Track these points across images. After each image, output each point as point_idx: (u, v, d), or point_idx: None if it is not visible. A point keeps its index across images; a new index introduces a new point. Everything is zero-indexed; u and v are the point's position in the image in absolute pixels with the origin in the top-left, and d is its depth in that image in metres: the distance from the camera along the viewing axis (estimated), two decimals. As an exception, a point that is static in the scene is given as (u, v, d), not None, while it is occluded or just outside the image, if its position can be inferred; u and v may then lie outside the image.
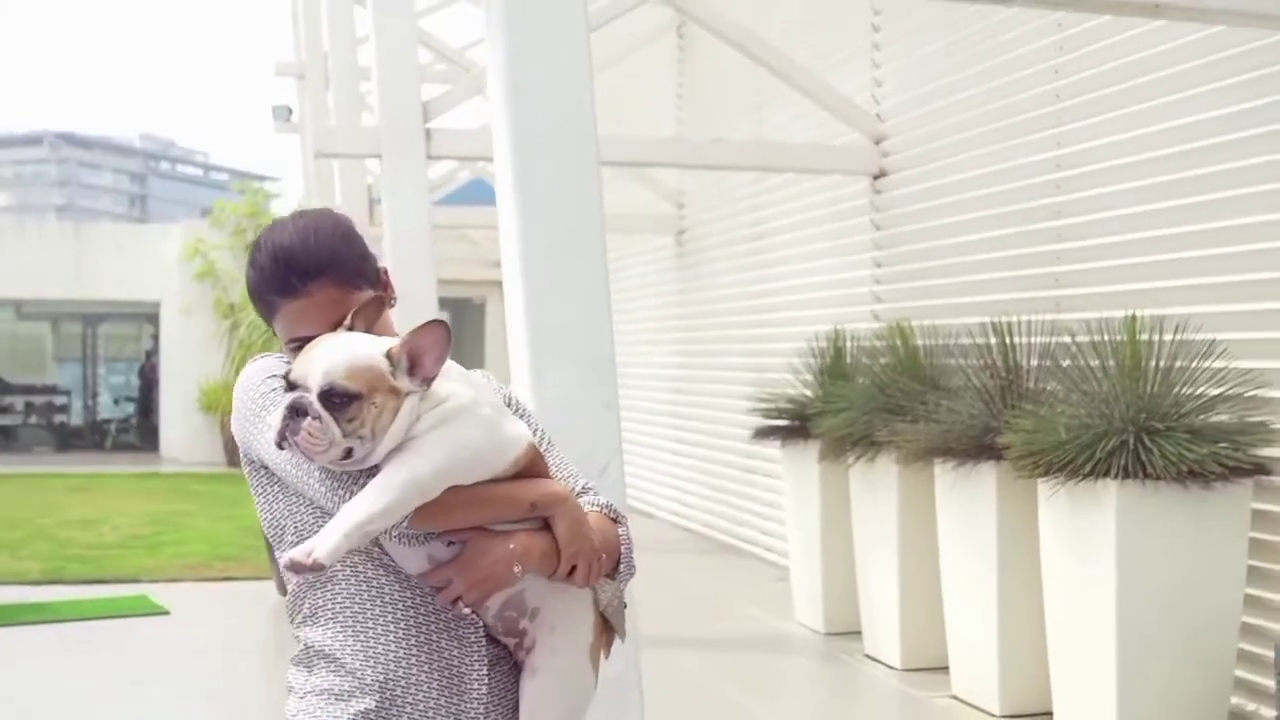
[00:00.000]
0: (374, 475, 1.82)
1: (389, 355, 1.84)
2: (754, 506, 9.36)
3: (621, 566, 2.05)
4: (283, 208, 19.82)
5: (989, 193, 6.52)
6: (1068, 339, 5.10)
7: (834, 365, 6.83)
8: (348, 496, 1.83)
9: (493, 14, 3.60)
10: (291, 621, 1.98)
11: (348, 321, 1.93)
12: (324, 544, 1.75)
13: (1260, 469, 4.56)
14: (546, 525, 1.93)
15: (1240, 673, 4.70)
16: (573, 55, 3.60)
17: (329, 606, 1.92)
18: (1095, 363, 4.79)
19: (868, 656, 6.32)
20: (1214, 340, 4.68)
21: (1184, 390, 4.61)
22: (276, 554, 1.95)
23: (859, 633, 6.47)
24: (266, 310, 2.02)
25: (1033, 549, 4.90)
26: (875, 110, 7.73)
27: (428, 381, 1.86)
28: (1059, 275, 5.94)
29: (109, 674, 6.36)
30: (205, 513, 11.80)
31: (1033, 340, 5.44)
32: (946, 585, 5.59)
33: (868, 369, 6.45)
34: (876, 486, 6.09)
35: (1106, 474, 4.39)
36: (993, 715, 5.30)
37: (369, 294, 2.01)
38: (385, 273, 2.09)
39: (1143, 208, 5.40)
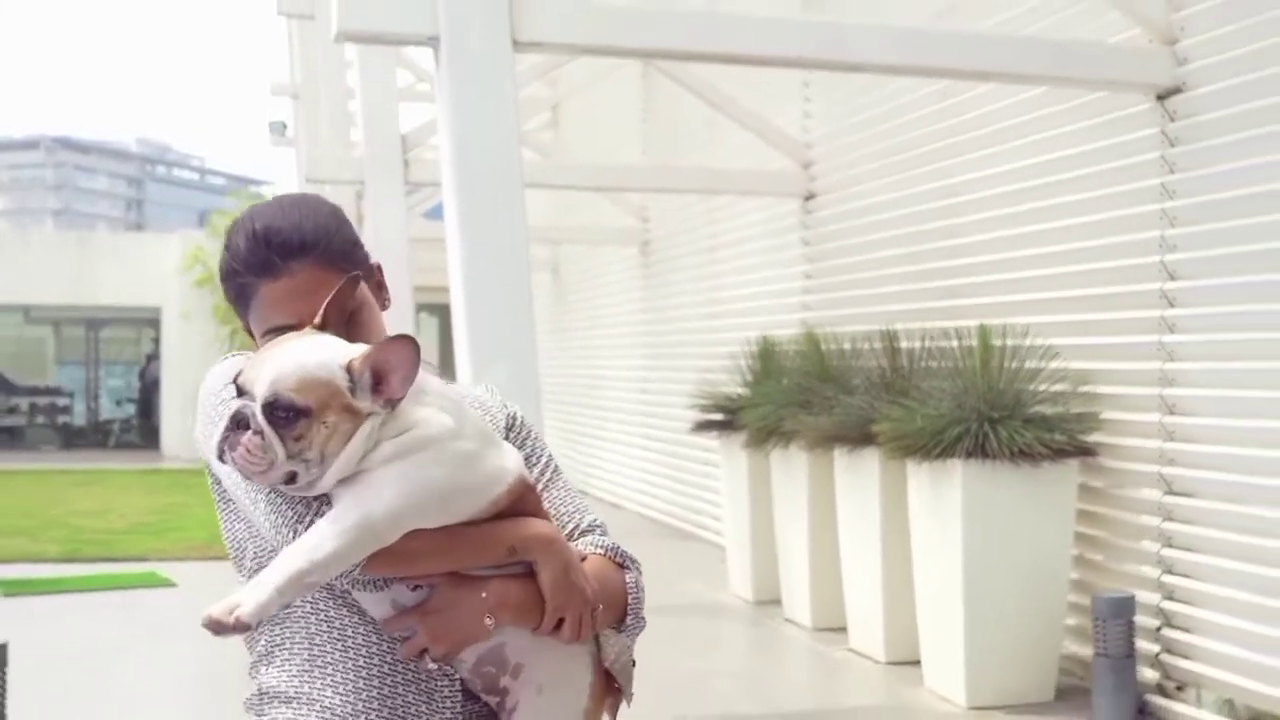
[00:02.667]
0: (327, 504, 1.57)
1: (349, 368, 1.57)
2: (708, 495, 10.27)
3: (629, 619, 1.77)
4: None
5: (894, 215, 7.47)
6: (942, 343, 6.05)
7: (763, 367, 7.76)
8: (290, 533, 1.58)
9: (441, 78, 4.56)
10: (249, 658, 1.75)
11: (319, 316, 1.66)
12: (252, 599, 1.47)
13: (1086, 451, 5.52)
14: (531, 570, 1.66)
15: (1070, 620, 5.65)
16: (504, 111, 4.55)
17: (285, 646, 1.69)
18: (956, 364, 5.74)
19: (787, 620, 7.25)
20: (1050, 345, 5.64)
21: (1025, 387, 5.56)
22: (238, 577, 1.75)
23: (780, 601, 7.41)
24: (239, 297, 1.76)
25: (907, 521, 5.84)
26: (805, 140, 8.68)
27: (392, 403, 1.58)
28: (951, 288, 6.88)
29: (121, 633, 7.32)
30: (206, 504, 12.48)
31: (912, 345, 6.38)
32: (844, 555, 6.53)
33: (788, 370, 7.40)
34: (790, 471, 7.03)
35: (954, 455, 5.34)
36: (879, 663, 6.24)
37: (357, 290, 1.75)
38: (379, 270, 1.85)
39: (1000, 233, 6.37)
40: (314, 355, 1.58)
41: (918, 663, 5.90)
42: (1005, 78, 5.72)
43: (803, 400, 6.82)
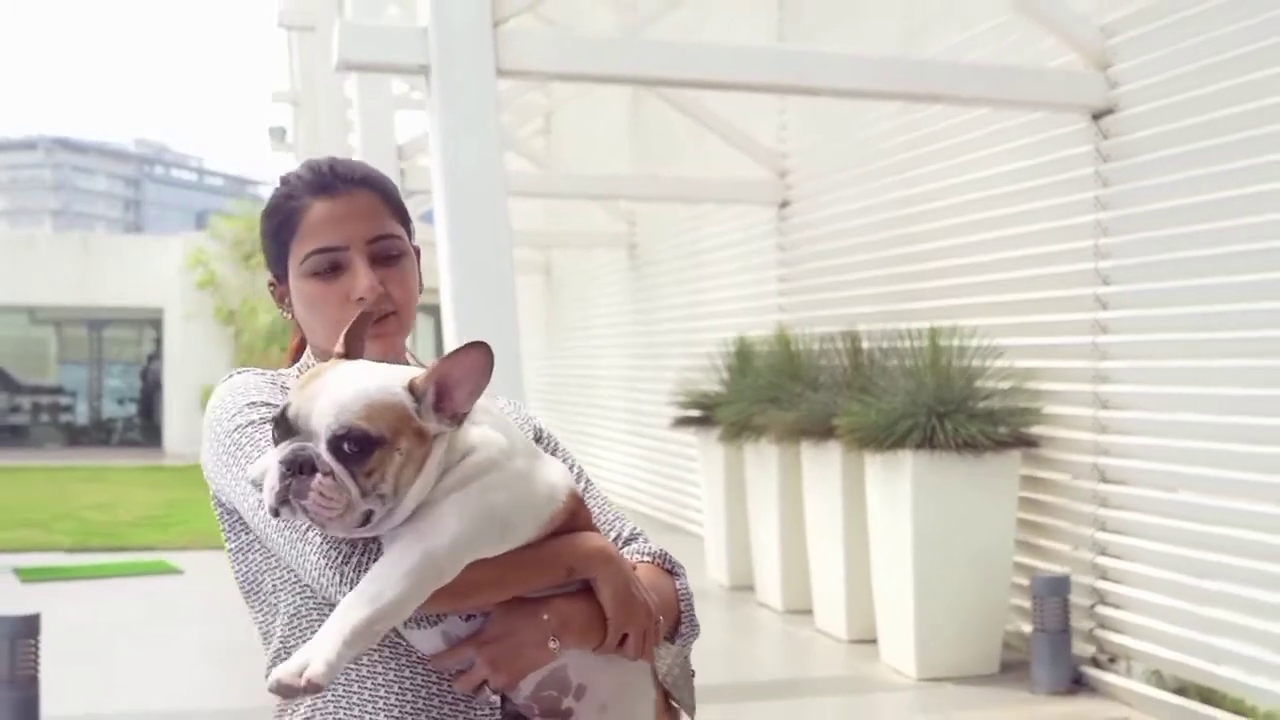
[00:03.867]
0: (369, 549, 1.44)
1: (412, 387, 1.44)
2: (690, 489, 10.73)
3: (683, 627, 1.71)
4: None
5: (860, 223, 7.93)
6: (899, 343, 6.51)
7: (739, 365, 8.22)
8: (336, 575, 1.44)
9: (432, 103, 5.01)
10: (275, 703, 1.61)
11: (340, 343, 1.51)
12: (320, 656, 1.34)
13: (1027, 443, 5.98)
14: (588, 586, 1.57)
15: (1013, 599, 6.11)
16: (487, 131, 5.01)
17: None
18: (910, 362, 6.20)
19: (759, 604, 7.71)
20: (995, 344, 6.10)
21: (971, 383, 6.01)
22: (252, 612, 1.67)
23: (753, 586, 7.87)
24: (283, 226, 1.67)
25: (865, 509, 6.30)
26: (781, 150, 9.14)
27: (458, 419, 1.47)
28: (910, 291, 7.34)
29: (134, 613, 7.79)
30: (209, 498, 13.16)
31: (873, 344, 6.84)
32: (810, 542, 6.98)
33: (761, 369, 7.85)
34: (762, 464, 7.48)
35: (905, 446, 5.80)
36: (841, 641, 6.69)
37: (407, 243, 1.70)
38: (419, 253, 1.75)
39: (952, 241, 6.83)
40: (373, 379, 1.43)
41: (876, 640, 6.36)
42: (954, 100, 6.19)
43: (773, 397, 7.27)
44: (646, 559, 1.73)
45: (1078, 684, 5.77)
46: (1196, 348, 5.34)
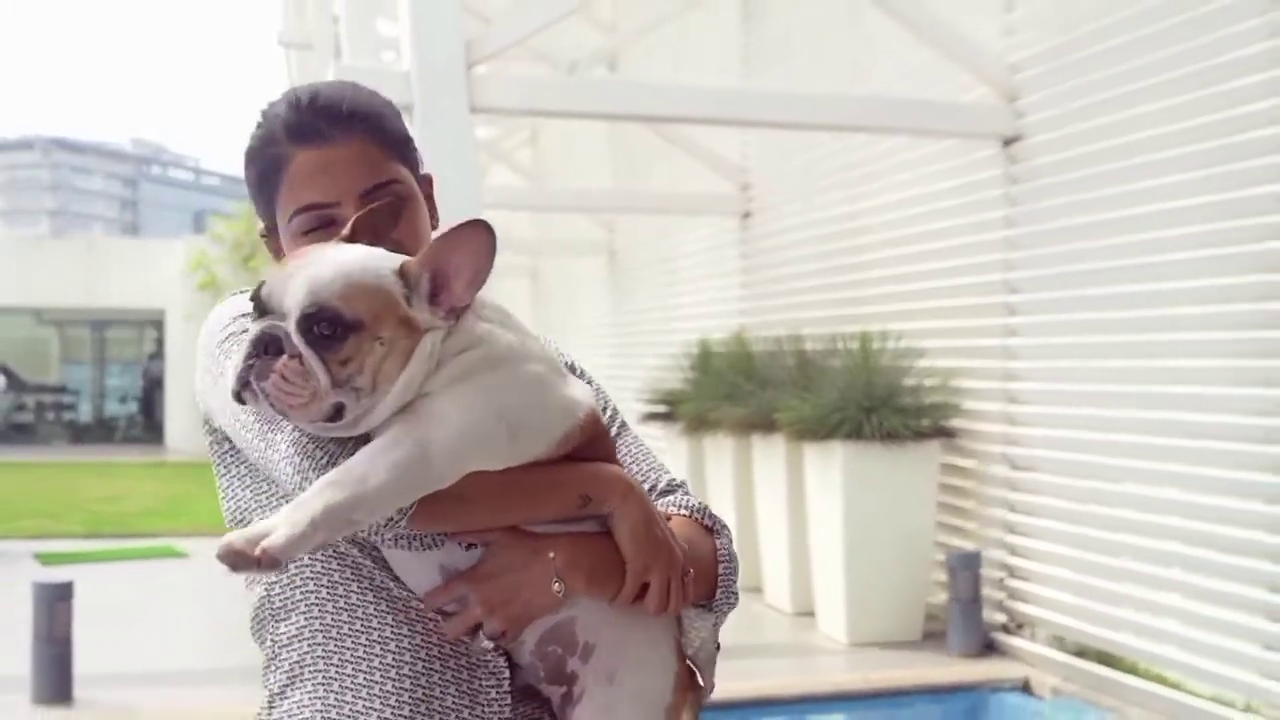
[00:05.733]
0: (357, 449, 1.25)
1: (403, 272, 1.28)
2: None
3: (718, 594, 1.47)
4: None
5: (811, 235, 8.65)
6: (839, 345, 7.23)
7: (701, 365, 8.94)
8: (329, 464, 1.26)
9: (415, 134, 5.74)
10: (260, 651, 1.46)
11: (347, 227, 1.34)
12: (283, 530, 1.15)
13: (946, 434, 6.70)
14: (606, 528, 1.37)
15: (935, 574, 6.83)
16: (465, 160, 5.72)
17: (293, 646, 1.39)
18: (843, 363, 6.93)
19: (718, 583, 8.43)
20: (918, 346, 6.83)
21: (896, 381, 6.73)
22: None
23: (713, 567, 8.58)
24: (266, 175, 1.47)
25: (805, 494, 7.01)
26: (743, 165, 9.86)
27: (455, 313, 1.29)
28: (852, 298, 8.05)
29: (144, 591, 8.54)
30: (212, 491, 13.86)
31: (817, 346, 7.56)
32: (760, 525, 7.70)
33: (720, 368, 8.57)
34: (719, 455, 8.21)
35: (836, 438, 6.52)
36: (786, 614, 7.42)
37: (411, 184, 1.49)
38: (430, 182, 1.56)
39: (885, 253, 7.57)
40: (357, 259, 1.27)
41: (814, 613, 7.08)
42: (883, 130, 6.94)
43: (728, 394, 7.99)
44: (684, 512, 1.50)
45: (989, 648, 6.48)
46: (1093, 349, 6.03)
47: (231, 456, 1.49)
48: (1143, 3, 5.60)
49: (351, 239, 1.34)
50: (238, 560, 1.16)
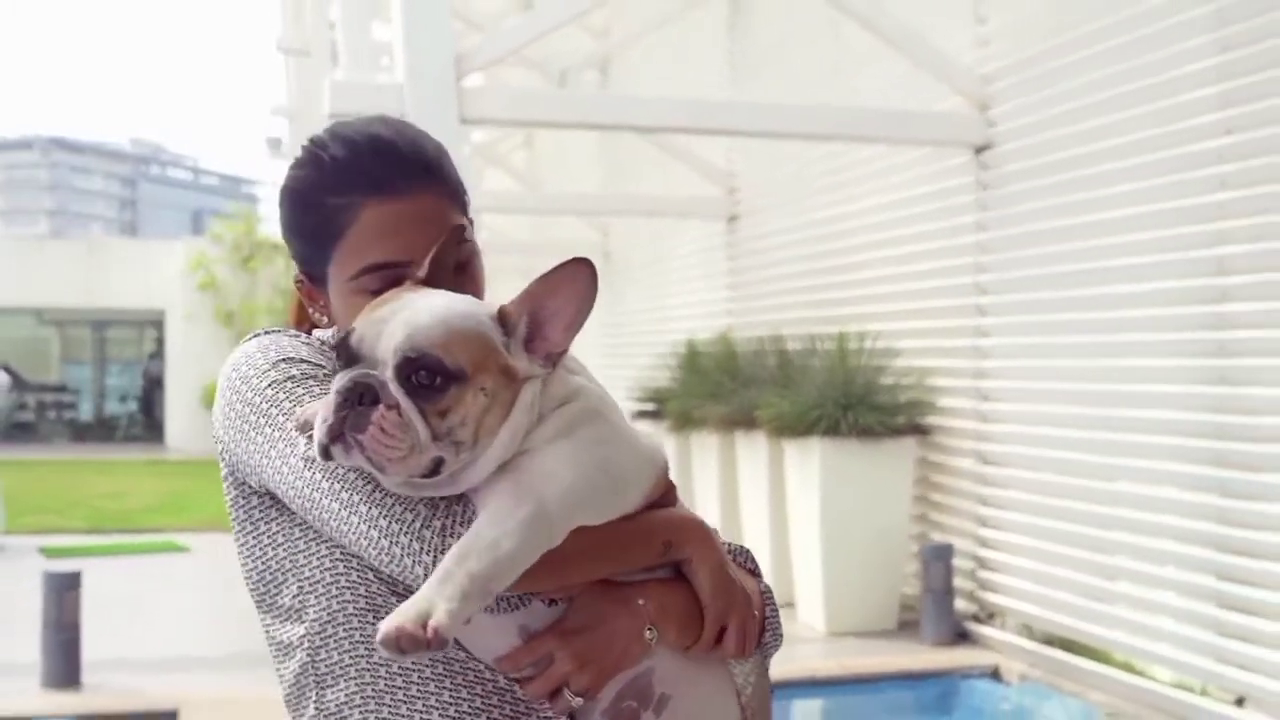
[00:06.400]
0: (458, 503, 1.20)
1: (501, 317, 1.22)
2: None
3: (767, 636, 1.44)
4: (275, 227, 22.25)
5: (795, 238, 8.91)
6: (819, 345, 7.49)
7: (688, 364, 9.20)
8: (414, 542, 1.18)
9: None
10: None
11: (424, 269, 1.27)
12: (442, 607, 1.08)
13: (921, 431, 6.95)
14: (678, 573, 1.34)
15: (909, 566, 7.09)
16: (453, 149, 5.98)
17: (343, 714, 1.31)
18: (822, 362, 7.19)
19: (704, 576, 8.68)
20: (893, 346, 7.09)
21: (872, 380, 6.99)
22: (263, 618, 1.38)
23: (700, 560, 8.84)
24: (321, 231, 1.36)
25: (785, 489, 7.27)
26: (730, 169, 10.12)
27: (553, 359, 1.24)
28: (834, 299, 8.31)
29: (147, 582, 8.82)
30: (212, 489, 14.15)
31: (798, 346, 7.82)
32: (743, 518, 7.96)
33: (706, 367, 8.83)
34: (704, 452, 8.47)
35: (813, 434, 6.77)
36: (768, 605, 7.66)
37: (474, 240, 1.43)
38: (473, 223, 1.47)
39: (864, 256, 7.83)
40: (456, 305, 1.21)
41: (794, 603, 7.33)
42: (861, 139, 7.20)
43: (713, 393, 8.25)
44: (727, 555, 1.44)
45: (961, 637, 6.74)
46: (1059, 349, 6.28)
47: (262, 514, 1.38)
48: (1103, 19, 5.86)
49: (429, 282, 1.27)
50: (410, 644, 1.08)
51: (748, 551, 1.51)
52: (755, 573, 1.50)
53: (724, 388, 8.13)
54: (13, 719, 5.39)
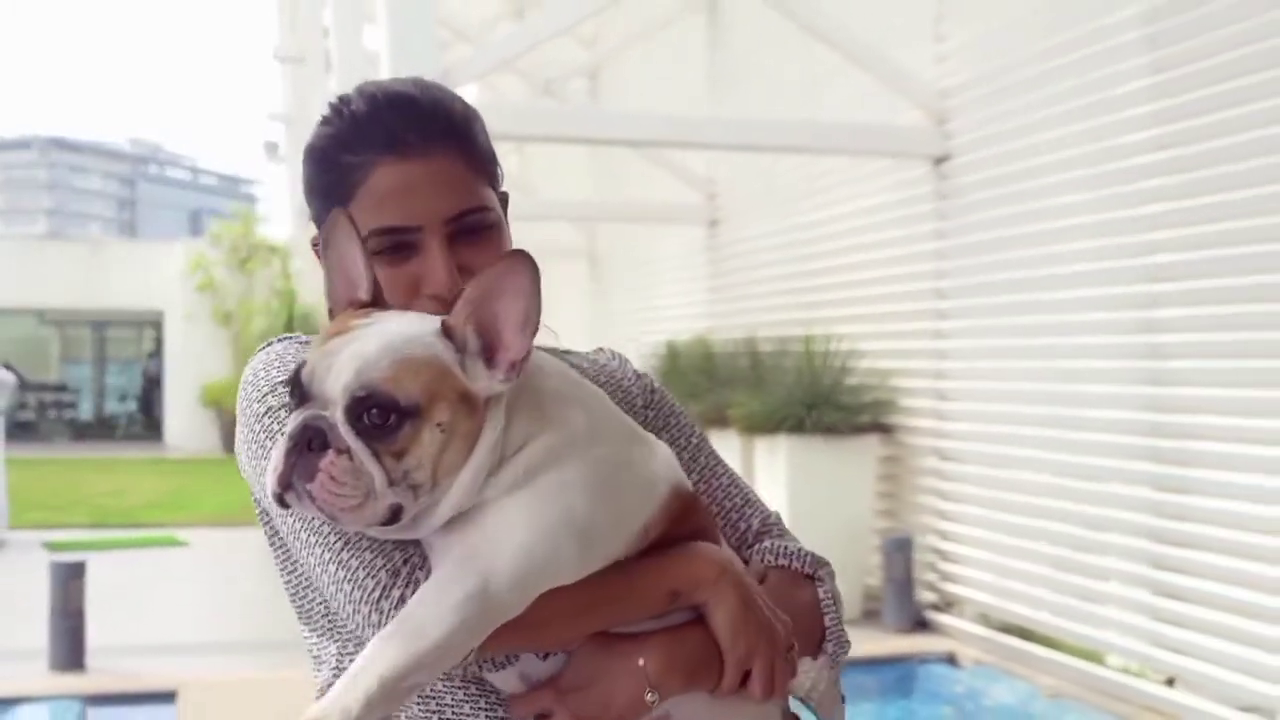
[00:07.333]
0: (413, 578, 1.13)
1: (446, 332, 1.13)
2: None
3: (829, 645, 1.40)
4: (273, 229, 22.55)
5: (771, 244, 9.26)
6: (790, 347, 7.84)
7: (668, 365, 9.54)
8: (369, 606, 1.13)
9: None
10: None
11: (364, 287, 1.19)
12: (337, 714, 1.03)
13: (884, 429, 7.30)
14: (700, 615, 1.24)
15: (874, 558, 7.44)
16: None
17: None
18: (790, 363, 7.54)
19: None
20: (858, 348, 7.44)
21: (837, 380, 7.33)
22: (304, 631, 1.35)
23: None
24: (334, 187, 1.29)
25: (754, 485, 7.62)
26: (710, 175, 10.47)
27: (516, 368, 1.13)
28: (806, 303, 8.66)
29: (148, 575, 9.19)
30: (211, 487, 14.56)
31: (770, 348, 8.18)
32: (719, 513, 8.29)
33: (686, 368, 9.18)
34: (682, 448, 8.80)
35: (780, 432, 7.12)
36: (741, 595, 8.01)
37: (498, 210, 1.35)
38: (506, 200, 1.42)
39: (833, 262, 8.19)
40: (401, 329, 1.12)
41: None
42: (827, 151, 7.57)
43: (691, 393, 8.60)
44: (782, 561, 1.42)
45: (921, 624, 7.09)
46: (1011, 351, 6.62)
47: (281, 540, 1.33)
48: (1051, 39, 6.21)
49: (375, 304, 1.18)
50: None
51: (805, 554, 1.43)
52: (814, 578, 1.42)
53: (700, 387, 8.48)
54: (23, 699, 5.74)
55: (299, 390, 1.11)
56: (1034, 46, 6.36)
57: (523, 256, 1.15)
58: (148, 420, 23.72)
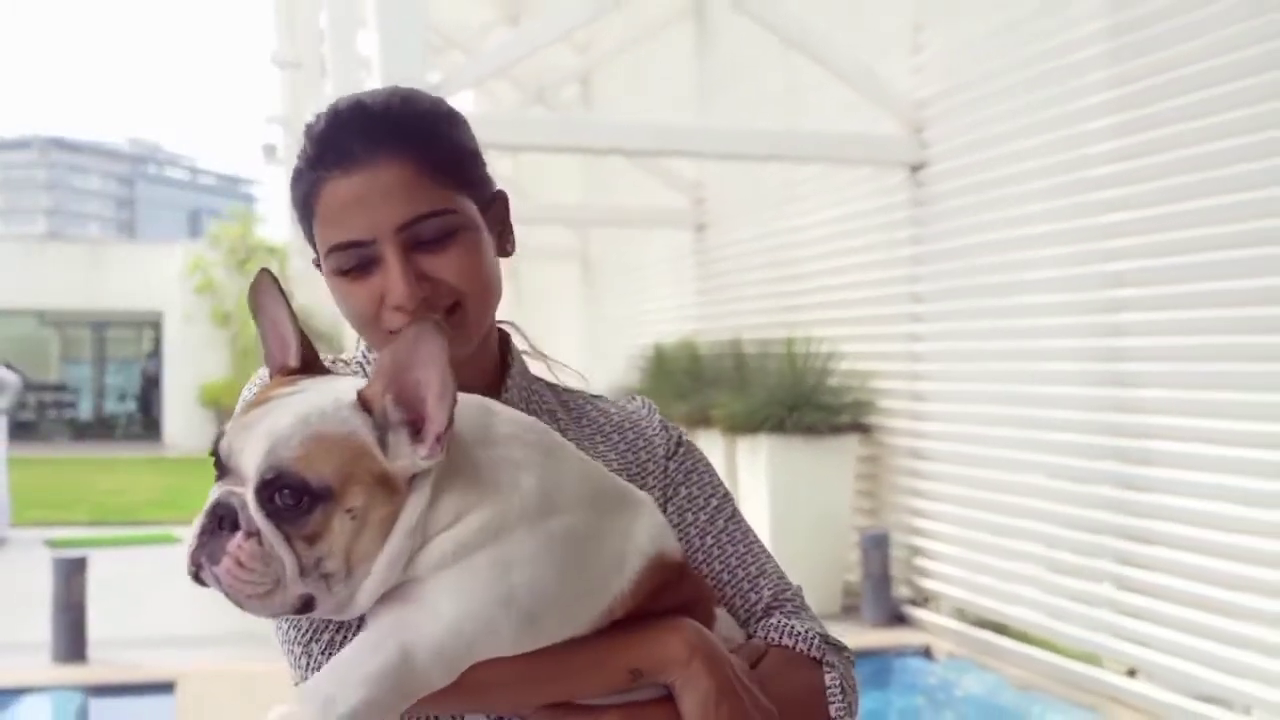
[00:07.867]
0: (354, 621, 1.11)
1: (365, 403, 1.07)
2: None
3: None
4: (271, 229, 22.76)
5: (756, 247, 9.48)
6: (773, 349, 8.05)
7: (656, 367, 9.76)
8: (304, 659, 1.16)
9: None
10: None
11: (294, 350, 1.15)
12: None
13: (861, 429, 7.52)
14: (669, 694, 1.17)
15: (852, 554, 7.65)
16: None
17: None
18: (772, 365, 7.75)
19: (669, 566, 9.25)
20: (838, 350, 7.65)
21: (817, 381, 7.54)
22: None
23: (666, 551, 9.41)
24: (304, 206, 1.28)
25: (738, 483, 7.83)
26: (697, 179, 10.68)
27: (440, 443, 1.05)
28: (790, 306, 8.88)
29: (148, 571, 9.40)
30: (209, 485, 14.69)
31: (755, 350, 8.39)
32: (704, 510, 8.51)
33: (673, 370, 9.40)
34: (669, 448, 9.02)
35: (761, 432, 7.34)
36: (725, 591, 8.22)
37: (461, 213, 1.26)
38: (504, 201, 1.37)
39: (814, 266, 8.41)
40: (316, 398, 1.06)
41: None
42: (807, 159, 7.78)
43: (677, 393, 8.81)
44: (786, 641, 1.32)
45: (898, 619, 7.29)
46: (984, 354, 6.82)
47: None
48: (1020, 51, 6.42)
49: (307, 367, 1.13)
50: None
51: (814, 636, 1.32)
52: (822, 661, 1.31)
53: (686, 388, 8.69)
54: (26, 689, 5.96)
55: (218, 462, 1.08)
56: (1005, 59, 6.57)
57: (429, 324, 1.06)
58: (147, 420, 23.94)
